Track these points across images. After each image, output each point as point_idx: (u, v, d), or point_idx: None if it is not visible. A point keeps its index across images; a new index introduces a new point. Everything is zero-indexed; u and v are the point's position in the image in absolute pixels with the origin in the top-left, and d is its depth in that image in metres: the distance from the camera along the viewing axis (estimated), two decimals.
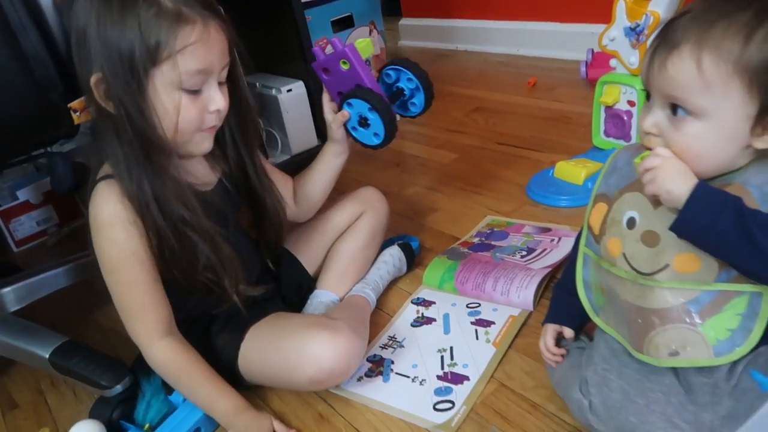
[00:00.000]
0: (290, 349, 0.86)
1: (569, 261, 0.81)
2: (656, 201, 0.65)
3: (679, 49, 0.59)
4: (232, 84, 0.87)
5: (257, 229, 1.04)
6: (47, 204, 1.65)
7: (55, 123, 0.79)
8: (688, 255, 0.63)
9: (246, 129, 0.94)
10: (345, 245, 1.11)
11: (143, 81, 0.75)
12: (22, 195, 1.62)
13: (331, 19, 1.75)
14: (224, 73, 0.83)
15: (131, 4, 0.74)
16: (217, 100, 0.81)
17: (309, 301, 1.08)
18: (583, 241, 0.77)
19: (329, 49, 1.00)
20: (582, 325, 0.80)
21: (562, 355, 0.80)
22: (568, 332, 0.80)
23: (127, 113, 0.75)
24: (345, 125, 1.03)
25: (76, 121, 0.80)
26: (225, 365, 0.91)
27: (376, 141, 1.03)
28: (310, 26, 1.64)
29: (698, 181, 0.59)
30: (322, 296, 1.08)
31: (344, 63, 0.98)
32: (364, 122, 1.01)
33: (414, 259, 1.19)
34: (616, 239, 0.69)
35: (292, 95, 1.64)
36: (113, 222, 0.80)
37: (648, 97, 0.65)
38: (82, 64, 0.76)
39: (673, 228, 0.61)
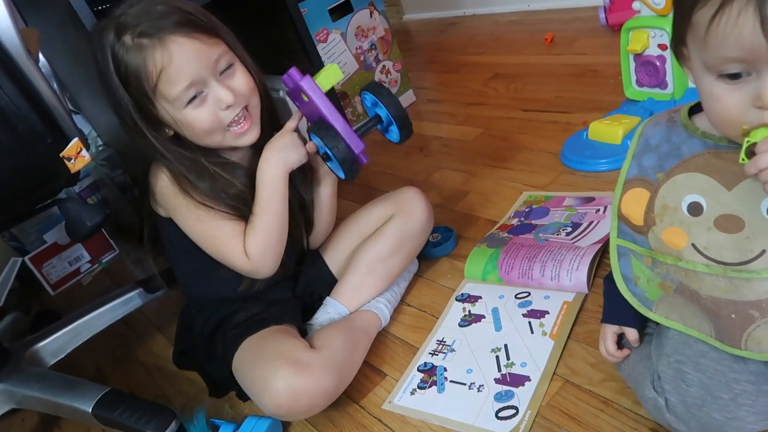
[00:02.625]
0: (257, 378, 0.84)
1: None
2: (731, 181, 0.56)
3: None
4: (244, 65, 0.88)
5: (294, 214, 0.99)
6: (75, 243, 1.63)
7: (51, 175, 0.75)
8: None
9: (262, 106, 0.93)
10: (365, 253, 1.02)
11: (154, 118, 0.82)
12: (49, 237, 1.61)
13: (329, 8, 1.66)
14: (222, 64, 0.84)
15: (109, 47, 0.79)
16: (223, 96, 0.82)
17: (321, 308, 1.02)
18: (614, 233, 0.68)
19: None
20: (646, 319, 0.72)
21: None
22: (632, 334, 0.70)
23: (160, 141, 0.84)
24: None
25: (72, 170, 0.76)
26: (219, 370, 0.93)
27: (342, 175, 0.95)
28: (307, 19, 1.56)
29: None
30: (331, 308, 1.01)
31: (304, 95, 0.91)
32: (327, 157, 0.94)
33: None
34: (677, 229, 0.61)
35: None
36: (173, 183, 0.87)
37: (735, 75, 0.50)
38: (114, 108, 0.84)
39: None
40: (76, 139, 0.76)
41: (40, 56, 0.90)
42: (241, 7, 1.58)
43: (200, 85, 0.81)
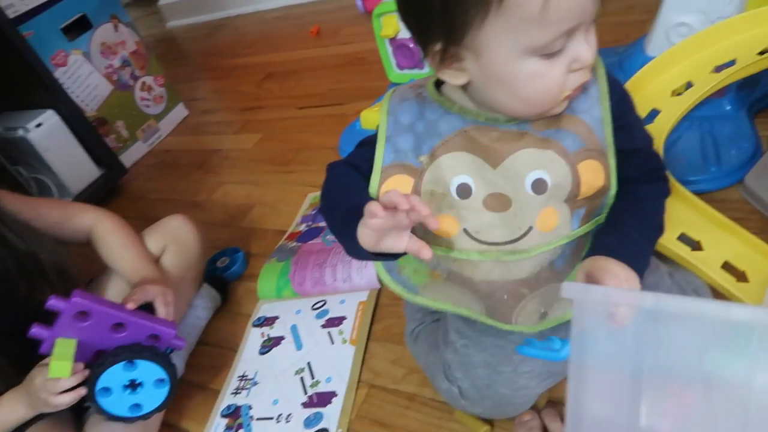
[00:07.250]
0: None
1: None
2: (495, 159, 0.54)
3: None
4: None
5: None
6: None
7: None
8: (549, 210, 0.55)
9: None
10: None
11: None
12: None
13: (61, 27, 1.45)
14: None
15: None
16: None
17: None
18: None
19: None
20: None
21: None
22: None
23: None
24: None
25: None
26: None
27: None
28: (39, 41, 1.36)
29: None
30: None
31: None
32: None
33: (227, 289, 1.04)
34: (447, 216, 0.56)
35: (44, 129, 1.36)
36: None
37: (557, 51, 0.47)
38: None
39: None
40: None
41: None
42: None
43: None
